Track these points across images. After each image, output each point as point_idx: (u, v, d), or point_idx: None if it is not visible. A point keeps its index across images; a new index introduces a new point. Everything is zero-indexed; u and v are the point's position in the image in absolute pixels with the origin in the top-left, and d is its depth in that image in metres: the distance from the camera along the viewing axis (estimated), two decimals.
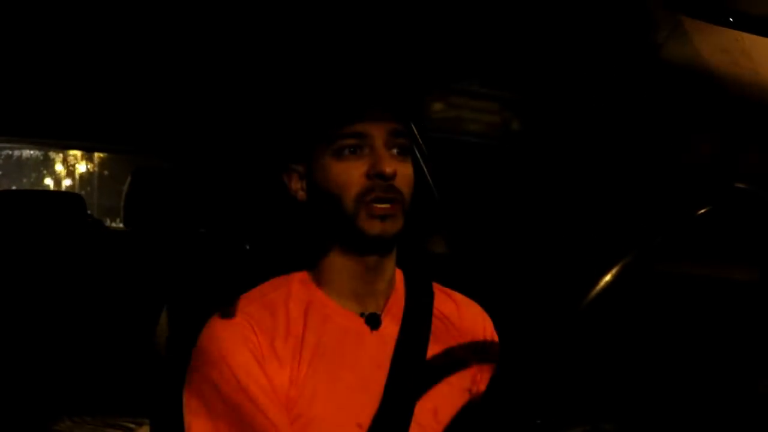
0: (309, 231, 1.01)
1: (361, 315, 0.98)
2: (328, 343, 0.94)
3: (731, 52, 0.79)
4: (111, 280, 2.12)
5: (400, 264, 1.05)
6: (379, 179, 0.92)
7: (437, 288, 1.09)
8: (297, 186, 1.00)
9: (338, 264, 0.98)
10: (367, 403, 0.93)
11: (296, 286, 0.99)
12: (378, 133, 0.94)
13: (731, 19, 0.75)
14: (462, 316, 1.08)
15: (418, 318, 1.01)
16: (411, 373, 0.96)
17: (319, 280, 0.99)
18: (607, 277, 0.54)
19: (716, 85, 0.83)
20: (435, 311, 1.04)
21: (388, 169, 0.92)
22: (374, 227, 0.93)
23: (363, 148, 0.94)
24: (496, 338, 1.10)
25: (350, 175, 0.93)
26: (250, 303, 0.96)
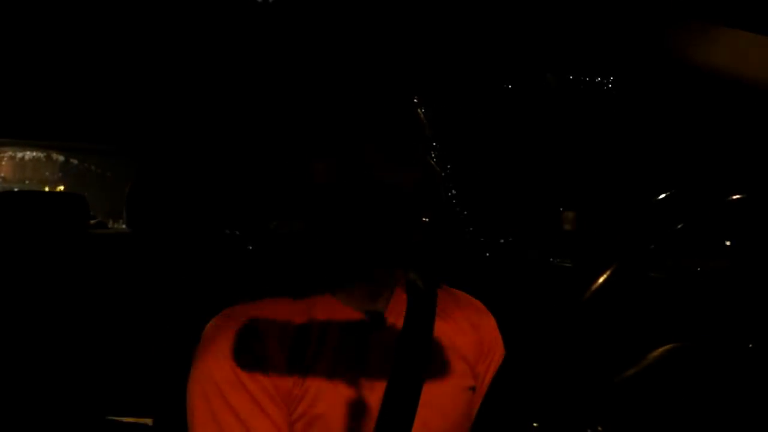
0: (317, 228, 1.00)
1: (365, 314, 0.98)
2: (331, 342, 0.94)
3: (741, 52, 0.79)
4: (113, 280, 2.12)
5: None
6: (387, 186, 0.93)
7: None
8: (323, 180, 0.97)
9: (343, 263, 0.98)
10: (371, 401, 0.93)
11: (300, 284, 0.99)
12: (382, 138, 0.94)
13: (742, 21, 0.75)
14: (464, 315, 1.08)
15: (421, 317, 1.01)
16: (414, 371, 0.96)
17: (323, 279, 1.00)
18: (604, 279, 0.54)
19: (727, 86, 0.83)
20: (438, 310, 1.04)
21: (394, 176, 0.92)
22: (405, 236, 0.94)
23: (373, 151, 0.94)
24: (498, 336, 1.10)
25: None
26: (253, 301, 0.96)
